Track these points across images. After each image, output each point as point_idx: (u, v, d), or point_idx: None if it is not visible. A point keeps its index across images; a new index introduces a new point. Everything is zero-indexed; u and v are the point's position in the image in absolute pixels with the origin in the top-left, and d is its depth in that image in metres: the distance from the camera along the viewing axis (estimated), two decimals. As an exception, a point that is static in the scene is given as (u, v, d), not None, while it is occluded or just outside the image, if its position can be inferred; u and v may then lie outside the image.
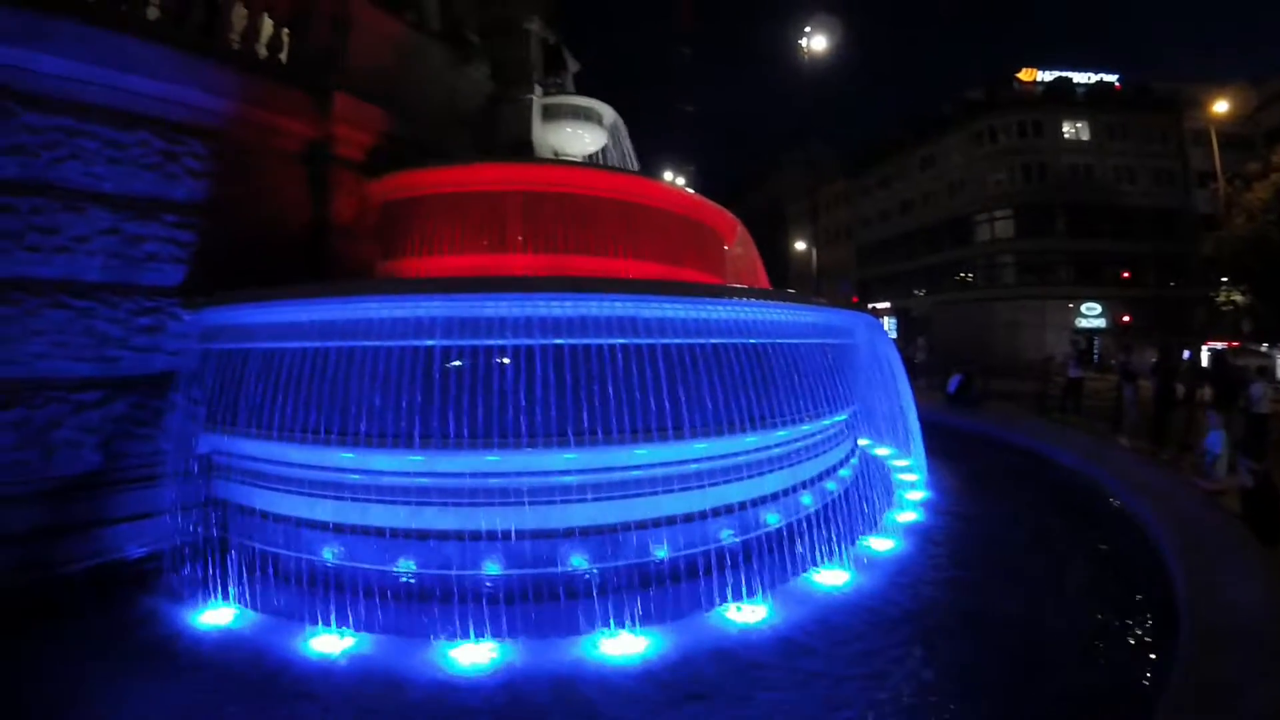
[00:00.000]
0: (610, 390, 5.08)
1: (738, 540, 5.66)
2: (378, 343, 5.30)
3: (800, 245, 67.38)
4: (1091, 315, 51.74)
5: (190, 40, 7.24)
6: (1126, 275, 52.43)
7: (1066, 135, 55.98)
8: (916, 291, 63.40)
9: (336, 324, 5.51)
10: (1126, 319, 49.04)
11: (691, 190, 9.41)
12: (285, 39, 8.38)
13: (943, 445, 10.36)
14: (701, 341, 5.48)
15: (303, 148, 8.00)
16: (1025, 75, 60.99)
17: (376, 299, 5.42)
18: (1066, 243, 53.88)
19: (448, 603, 4.99)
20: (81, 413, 6.17)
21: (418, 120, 8.82)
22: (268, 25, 8.30)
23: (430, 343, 5.16)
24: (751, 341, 5.78)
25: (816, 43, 33.54)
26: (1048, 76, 60.44)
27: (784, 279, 57.00)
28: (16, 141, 6.07)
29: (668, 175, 36.07)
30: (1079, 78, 60.09)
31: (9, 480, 5.74)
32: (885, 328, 13.42)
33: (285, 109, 7.77)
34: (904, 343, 38.21)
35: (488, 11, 11.71)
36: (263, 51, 8.04)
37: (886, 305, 65.35)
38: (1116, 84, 60.01)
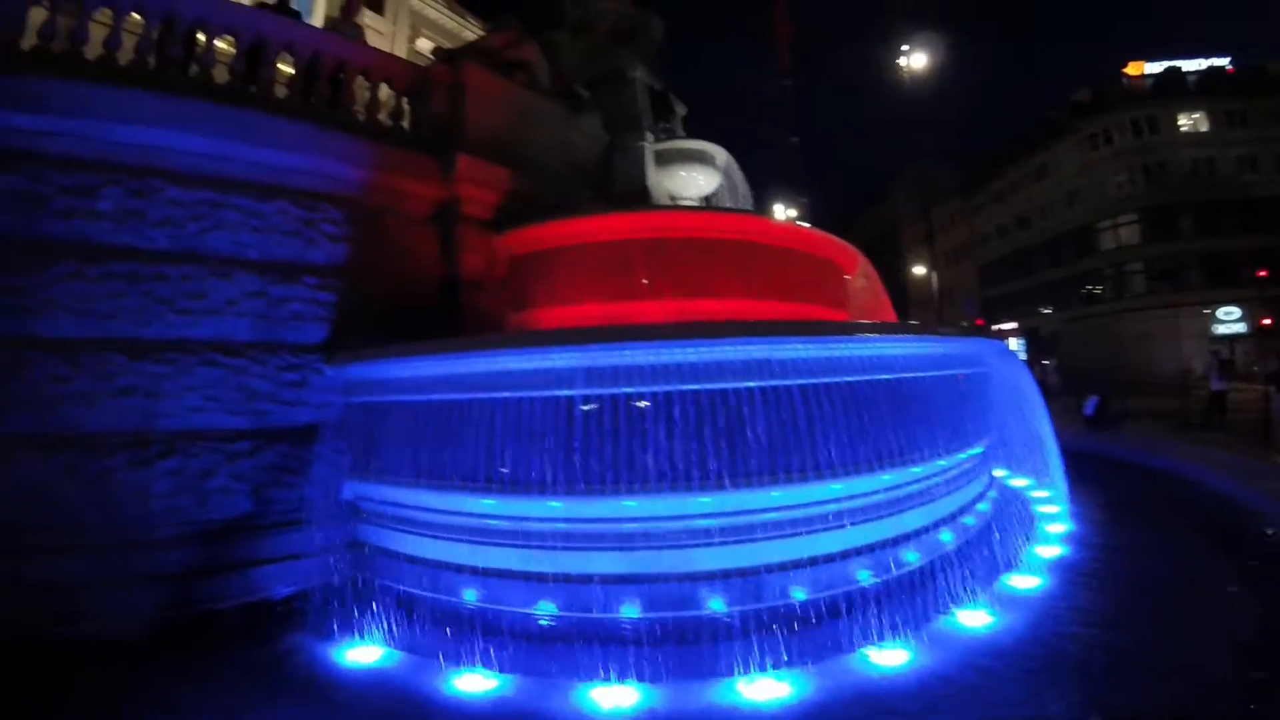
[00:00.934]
0: (744, 433, 5.09)
1: (876, 580, 5.53)
2: (513, 393, 5.46)
3: (919, 269, 64.87)
4: (1229, 320, 47.36)
5: (318, 113, 7.82)
6: (1263, 273, 46.44)
7: (1183, 128, 52.02)
8: (1042, 309, 59.87)
9: (472, 376, 5.72)
10: (1267, 321, 43.71)
11: (807, 225, 9.39)
12: (406, 107, 8.88)
13: (1083, 472, 9.81)
14: (833, 380, 5.40)
15: (431, 209, 8.40)
16: (1132, 69, 56.92)
17: (510, 352, 5.61)
18: (1195, 244, 49.42)
19: (588, 645, 5.01)
20: (234, 462, 6.61)
21: (538, 175, 9.14)
22: (389, 96, 8.85)
23: (565, 392, 5.28)
24: (883, 377, 5.67)
25: (916, 61, 32.90)
26: (1156, 68, 55.88)
27: (904, 305, 55.39)
28: (165, 215, 6.68)
29: (779, 209, 35.92)
30: (1188, 66, 55.16)
31: (165, 523, 6.21)
32: (1014, 350, 12.86)
33: (412, 173, 8.19)
34: (1033, 364, 36.43)
35: (594, 65, 12.12)
36: (386, 121, 8.58)
37: (1013, 326, 61.59)
38: (1228, 68, 54.95)
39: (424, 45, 48.69)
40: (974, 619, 5.51)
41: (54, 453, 5.93)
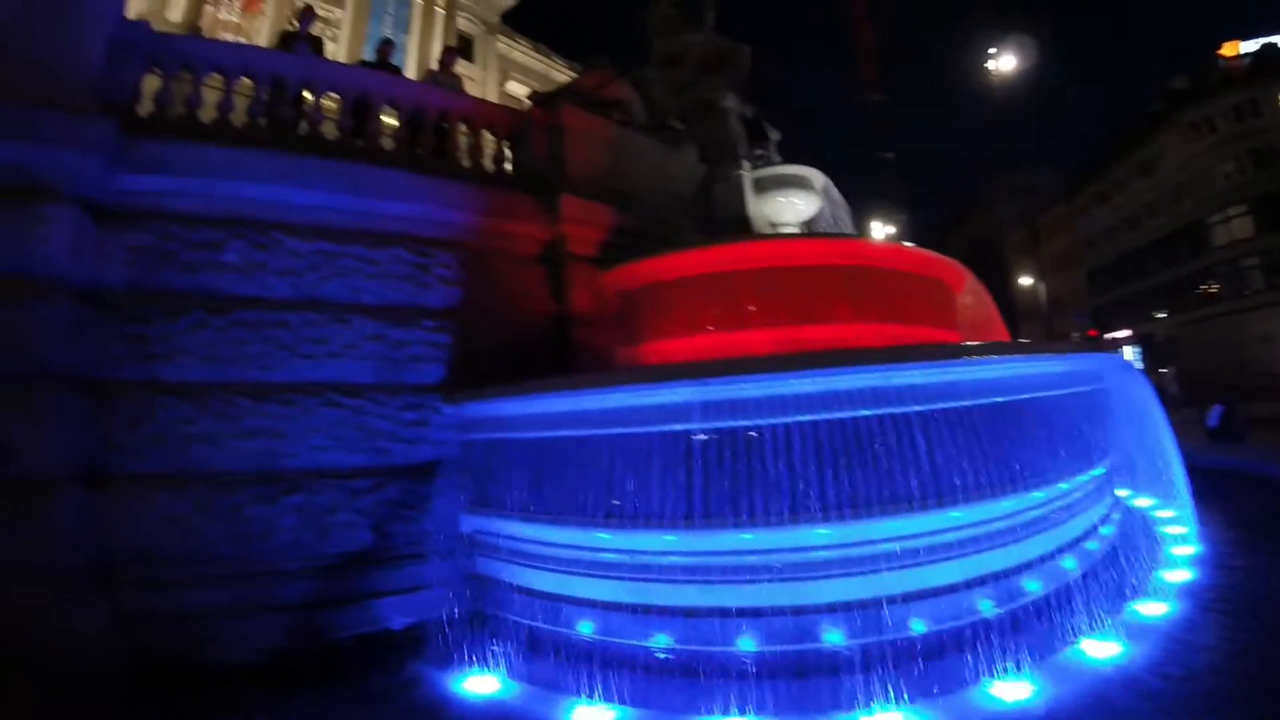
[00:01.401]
0: (861, 462, 5.05)
1: (998, 611, 5.38)
2: (626, 429, 5.58)
3: (1025, 280, 62.47)
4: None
5: (424, 163, 8.23)
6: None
7: (1289, 106, 47.92)
8: (1156, 313, 56.91)
9: (585, 413, 5.86)
10: None
11: (910, 244, 9.26)
12: (508, 152, 9.25)
13: (1209, 488, 9.31)
14: (949, 405, 5.33)
15: (539, 249, 8.69)
16: (1227, 50, 53.61)
17: (621, 389, 5.74)
18: (1315, 231, 45.79)
19: (706, 678, 5.06)
20: (356, 498, 6.91)
21: (639, 210, 9.35)
22: (490, 141, 9.21)
23: (678, 426, 5.36)
24: (999, 400, 5.56)
25: (1004, 63, 31.93)
26: (1252, 46, 52.67)
27: (1013, 319, 53.43)
28: (286, 266, 7.11)
29: (878, 226, 35.38)
30: (1285, 39, 51.57)
31: (291, 556, 6.54)
32: (1131, 361, 12.28)
33: (518, 215, 8.50)
34: (1151, 372, 34.40)
35: (685, 97, 12.32)
36: (490, 166, 8.93)
37: (1127, 333, 58.84)
38: (1330, 34, 51.20)
39: (514, 88, 50.81)
40: (1101, 649, 5.28)
41: (185, 490, 6.34)
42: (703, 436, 5.29)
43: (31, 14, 6.36)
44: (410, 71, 26.44)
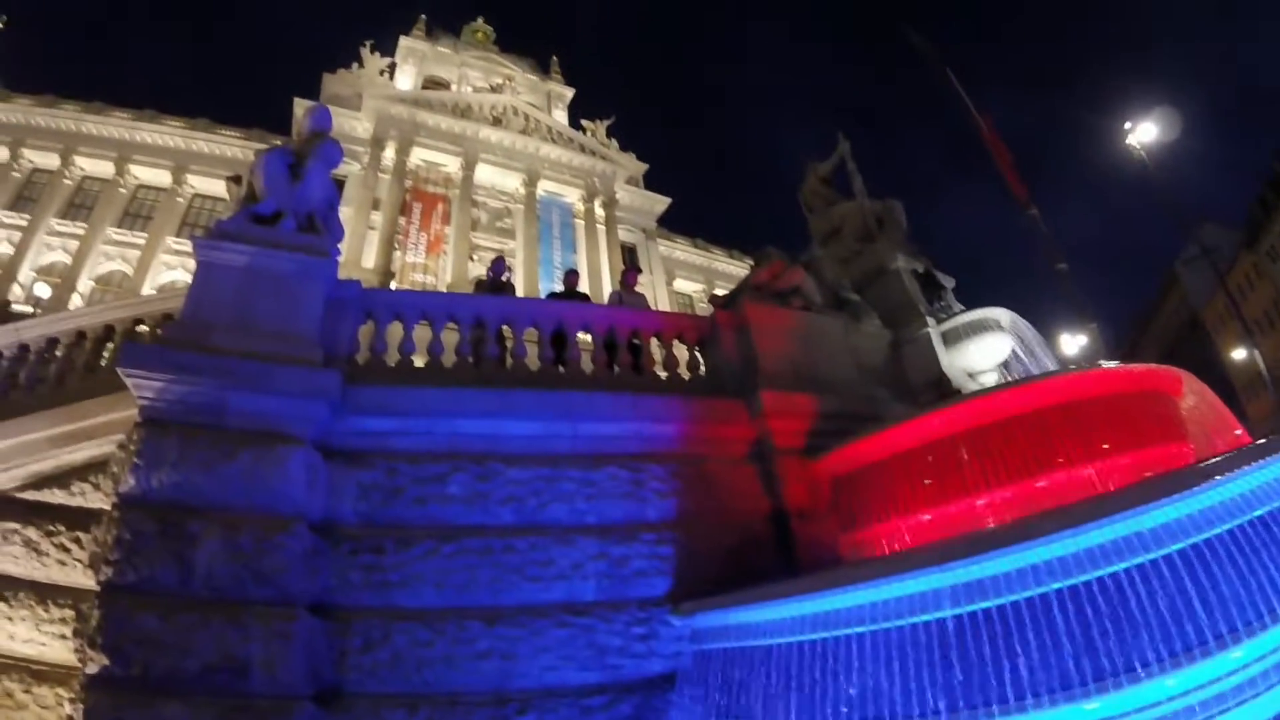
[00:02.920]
0: (1127, 618, 4.50)
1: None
2: (864, 628, 5.31)
3: (1237, 353, 54.85)
4: None
5: (624, 381, 8.72)
6: None
7: None
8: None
9: (818, 615, 5.64)
10: None
11: (1111, 362, 8.63)
12: (699, 357, 9.61)
13: None
14: (1210, 534, 4.68)
15: (747, 447, 8.76)
16: None
17: (847, 589, 5.50)
18: None
19: None
20: (589, 716, 6.87)
21: (834, 390, 9.33)
22: (682, 351, 9.64)
23: (926, 617, 5.05)
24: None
25: (1144, 134, 29.77)
26: None
27: (1234, 403, 47.70)
28: (508, 494, 7.50)
29: (1066, 339, 33.53)
30: None
31: None
32: None
33: (720, 418, 8.67)
34: None
35: (853, 267, 12.47)
36: (685, 373, 9.29)
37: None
38: None
39: (682, 285, 54.27)
40: None
41: (418, 710, 6.48)
42: (952, 621, 4.94)
43: (264, 289, 7.50)
44: (583, 283, 28.47)
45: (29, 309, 34.01)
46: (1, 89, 44.95)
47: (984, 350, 10.85)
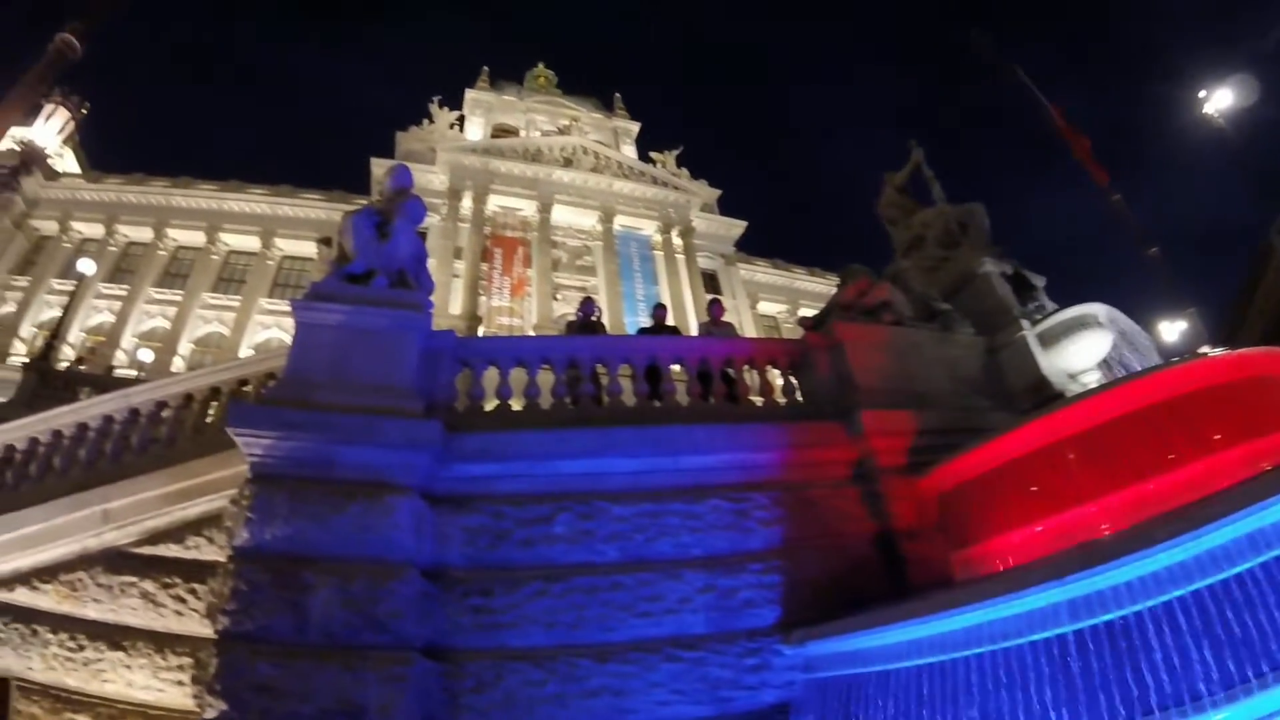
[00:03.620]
0: (1255, 624, 4.22)
1: None
2: (981, 649, 5.22)
3: None
4: None
5: (720, 412, 8.72)
6: None
7: None
8: None
9: (934, 638, 5.55)
10: None
11: (1217, 350, 8.14)
12: (794, 381, 9.55)
13: None
14: None
15: (848, 469, 8.66)
16: None
17: (958, 611, 5.39)
18: None
19: None
20: (708, 749, 6.76)
21: (931, 404, 9.15)
22: (775, 376, 9.58)
23: (1044, 634, 4.92)
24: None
25: (1219, 100, 28.25)
26: None
27: None
28: (612, 531, 7.55)
29: (1165, 327, 32.03)
30: None
31: None
32: None
33: (820, 441, 8.59)
34: None
35: (940, 276, 12.19)
36: (780, 399, 9.24)
37: None
38: None
39: (765, 307, 54.11)
40: None
41: None
42: (1077, 634, 4.78)
43: (362, 344, 7.80)
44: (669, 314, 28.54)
45: (133, 373, 36.27)
46: (91, 170, 48.29)
47: (1083, 349, 10.40)
